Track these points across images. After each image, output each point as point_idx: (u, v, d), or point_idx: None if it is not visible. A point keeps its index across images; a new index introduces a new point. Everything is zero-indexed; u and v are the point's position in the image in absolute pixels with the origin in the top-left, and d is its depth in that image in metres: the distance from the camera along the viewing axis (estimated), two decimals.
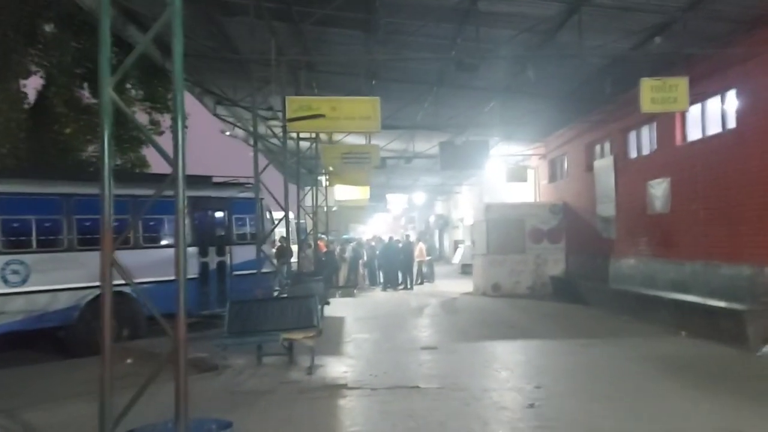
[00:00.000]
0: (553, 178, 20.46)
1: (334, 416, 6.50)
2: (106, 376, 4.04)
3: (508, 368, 8.57)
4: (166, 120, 19.73)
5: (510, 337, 11.05)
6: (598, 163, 16.46)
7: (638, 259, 14.13)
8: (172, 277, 11.35)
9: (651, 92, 9.81)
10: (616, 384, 7.50)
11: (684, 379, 7.67)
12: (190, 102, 19.16)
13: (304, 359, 8.81)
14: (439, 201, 40.67)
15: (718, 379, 7.69)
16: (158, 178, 14.58)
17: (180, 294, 4.02)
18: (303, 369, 8.55)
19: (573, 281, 16.78)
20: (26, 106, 15.41)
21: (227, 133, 21.28)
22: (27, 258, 10.06)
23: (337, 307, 15.57)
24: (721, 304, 10.13)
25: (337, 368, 8.69)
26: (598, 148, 17.10)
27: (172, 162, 3.88)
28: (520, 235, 18.10)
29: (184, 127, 3.91)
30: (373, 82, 13.62)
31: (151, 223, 12.06)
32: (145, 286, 11.19)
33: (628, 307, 13.01)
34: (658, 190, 13.17)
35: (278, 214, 13.90)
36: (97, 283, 10.46)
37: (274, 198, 12.68)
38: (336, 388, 7.55)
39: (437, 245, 38.96)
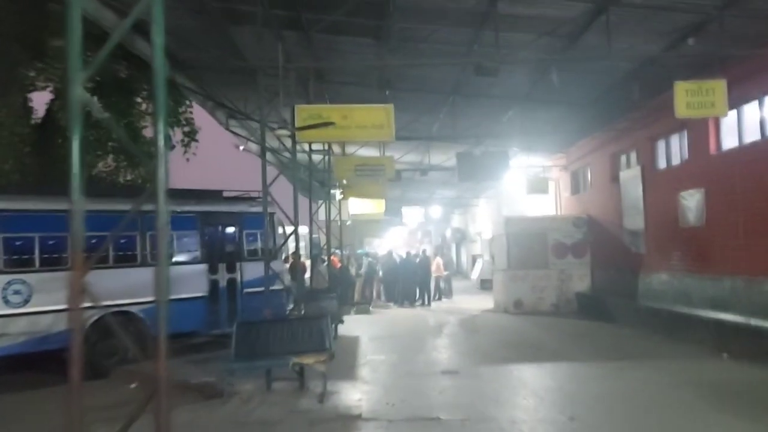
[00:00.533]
0: (575, 189, 19.72)
1: None
2: (74, 414, 3.47)
3: (537, 395, 7.87)
4: (177, 133, 19.35)
5: (536, 359, 10.33)
6: (624, 174, 15.73)
7: (671, 275, 13.34)
8: (182, 295, 10.72)
9: (686, 96, 9.14)
10: (659, 414, 6.78)
11: (736, 408, 6.93)
12: (203, 117, 18.81)
13: (316, 384, 8.21)
14: (456, 214, 39.97)
15: None
16: (171, 194, 14.16)
17: (161, 320, 3.44)
18: (314, 396, 7.95)
19: (600, 298, 15.97)
20: (34, 122, 15.07)
21: (241, 148, 20.89)
22: (29, 278, 9.61)
23: (351, 325, 14.93)
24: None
25: (350, 395, 8.05)
26: (623, 158, 16.38)
27: (153, 172, 3.33)
28: (543, 250, 17.34)
29: (180, 140, 3.37)
30: (387, 92, 13.09)
31: None
32: (151, 305, 10.76)
33: (660, 326, 12.24)
34: (691, 201, 12.43)
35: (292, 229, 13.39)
36: (103, 303, 9.90)
37: (283, 212, 12.15)
38: (350, 420, 6.92)
39: (454, 259, 38.19)
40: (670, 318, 12.12)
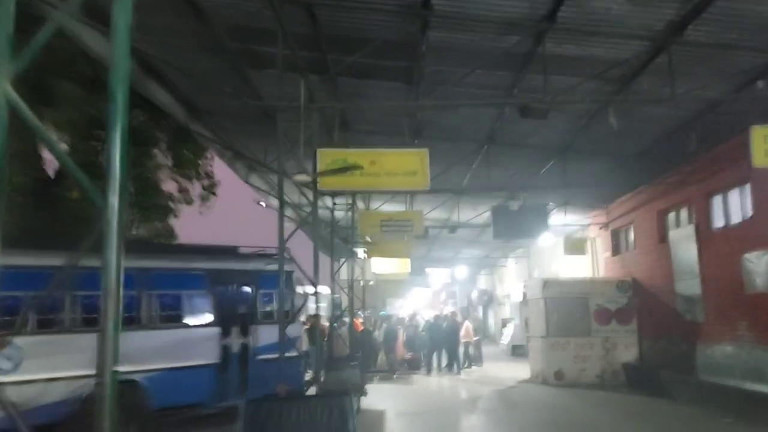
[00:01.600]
0: (616, 250, 18.31)
1: None
2: None
3: None
4: (196, 187, 18.69)
5: None
6: (674, 234, 14.39)
7: (738, 347, 11.78)
8: (187, 362, 9.43)
9: (765, 143, 7.96)
10: None
11: None
12: (221, 169, 18.17)
13: None
14: (483, 275, 38.46)
15: None
16: (180, 249, 13.19)
17: (105, 403, 2.33)
18: None
19: (651, 370, 14.36)
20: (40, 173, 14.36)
21: (261, 203, 20.12)
22: (20, 341, 8.50)
23: (375, 395, 13.46)
24: None
25: None
26: (672, 216, 15.05)
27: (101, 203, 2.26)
28: (585, 316, 15.85)
29: (125, 144, 2.33)
30: (416, 141, 12.18)
31: (166, 300, 10.47)
32: (156, 373, 9.57)
33: (728, 406, 10.67)
34: (759, 264, 11.04)
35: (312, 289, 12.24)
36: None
37: (302, 271, 11.03)
38: None
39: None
40: (740, 397, 10.57)
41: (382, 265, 20.43)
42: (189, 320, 10.54)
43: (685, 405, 11.73)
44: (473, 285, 40.11)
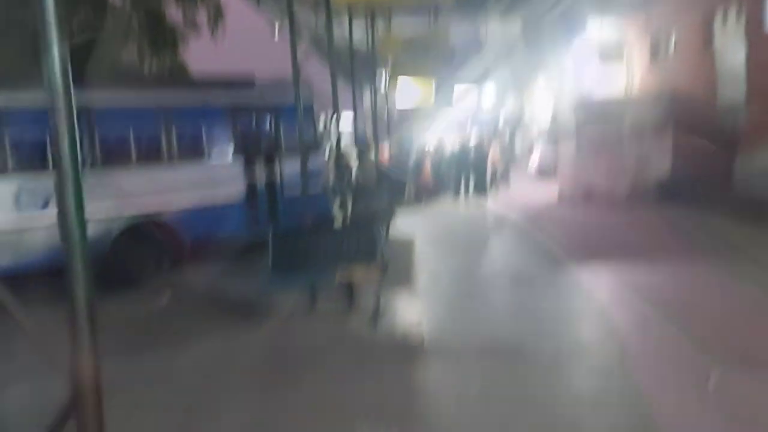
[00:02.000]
0: (655, 57, 16.96)
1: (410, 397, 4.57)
2: None
3: (646, 312, 6.33)
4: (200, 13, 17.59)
5: (630, 261, 8.59)
6: (720, 35, 13.13)
7: None
8: (215, 199, 9.23)
9: None
10: None
11: None
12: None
13: (366, 300, 6.84)
14: (511, 97, 37.03)
15: None
16: (197, 83, 12.58)
17: (76, 275, 2.02)
18: (365, 316, 6.60)
19: (686, 186, 13.87)
20: None
21: (276, 35, 19.15)
22: (46, 180, 8.21)
23: (404, 222, 13.49)
24: None
25: (408, 316, 6.74)
26: (719, 15, 13.56)
27: None
28: (617, 132, 15.16)
29: None
30: None
31: (189, 133, 10.08)
32: (183, 210, 9.46)
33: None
34: None
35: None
36: (132, 212, 8.58)
37: (318, 96, 10.46)
38: (409, 352, 5.63)
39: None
40: None
41: (405, 99, 19.54)
42: (212, 156, 10.24)
43: (721, 219, 11.39)
44: (501, 107, 38.96)
